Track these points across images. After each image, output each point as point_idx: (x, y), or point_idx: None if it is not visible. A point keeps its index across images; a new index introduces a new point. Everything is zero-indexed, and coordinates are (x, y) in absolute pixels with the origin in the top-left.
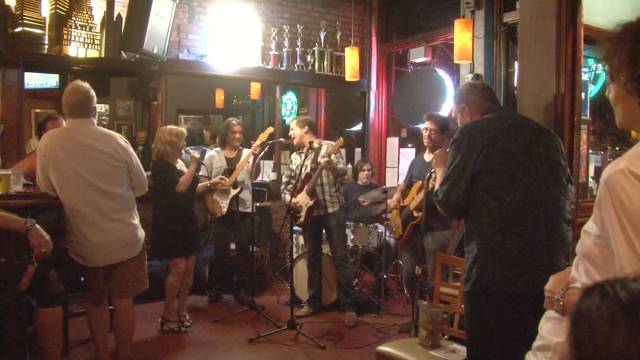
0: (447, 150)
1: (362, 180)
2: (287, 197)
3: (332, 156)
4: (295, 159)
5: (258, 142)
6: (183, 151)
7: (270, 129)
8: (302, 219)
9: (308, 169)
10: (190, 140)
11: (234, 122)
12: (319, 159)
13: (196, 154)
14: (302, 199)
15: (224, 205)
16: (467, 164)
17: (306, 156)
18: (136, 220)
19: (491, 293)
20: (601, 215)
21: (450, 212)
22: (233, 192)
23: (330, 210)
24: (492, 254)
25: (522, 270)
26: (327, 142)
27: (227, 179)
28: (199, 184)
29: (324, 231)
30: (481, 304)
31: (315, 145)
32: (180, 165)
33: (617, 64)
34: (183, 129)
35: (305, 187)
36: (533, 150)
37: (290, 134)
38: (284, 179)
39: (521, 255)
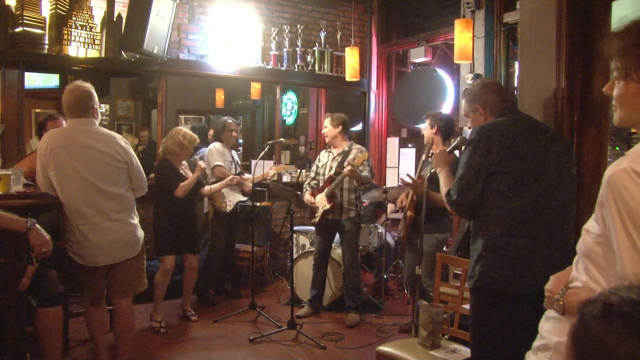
0: (447, 150)
1: None
2: (307, 195)
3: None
4: (324, 156)
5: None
6: (191, 159)
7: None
8: (316, 219)
9: (332, 171)
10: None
11: (230, 121)
12: (346, 162)
13: (202, 164)
14: (320, 201)
15: (229, 203)
16: (484, 165)
17: (333, 157)
18: (136, 220)
19: (493, 291)
20: (603, 214)
21: (463, 212)
22: (242, 197)
23: (345, 215)
24: (495, 254)
25: (523, 271)
26: (358, 146)
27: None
28: (216, 184)
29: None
30: (484, 302)
31: (345, 148)
32: (184, 167)
33: (635, 59)
34: (196, 136)
35: (326, 189)
36: (546, 157)
37: (323, 131)
38: (311, 174)
39: (524, 257)
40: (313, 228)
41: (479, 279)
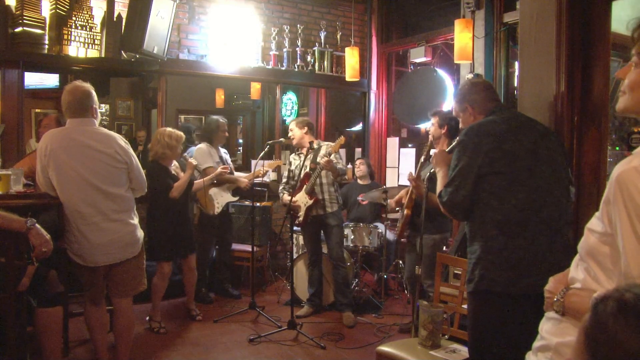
0: (447, 150)
1: (357, 174)
2: (286, 196)
3: (332, 155)
4: (295, 159)
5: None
6: (181, 158)
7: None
8: (301, 218)
9: (307, 169)
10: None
11: (222, 121)
12: (319, 158)
13: (193, 161)
14: (301, 199)
15: (217, 205)
16: (473, 166)
17: (306, 156)
18: (135, 220)
19: (494, 294)
20: (608, 212)
21: (455, 213)
22: (231, 198)
23: (329, 210)
24: (495, 255)
25: (525, 271)
26: (327, 142)
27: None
28: (199, 181)
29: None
30: (484, 305)
31: (315, 146)
32: (174, 167)
33: None
34: (181, 133)
35: (305, 186)
36: (538, 152)
37: (289, 135)
38: (283, 180)
39: (525, 256)
40: None
41: (479, 283)
